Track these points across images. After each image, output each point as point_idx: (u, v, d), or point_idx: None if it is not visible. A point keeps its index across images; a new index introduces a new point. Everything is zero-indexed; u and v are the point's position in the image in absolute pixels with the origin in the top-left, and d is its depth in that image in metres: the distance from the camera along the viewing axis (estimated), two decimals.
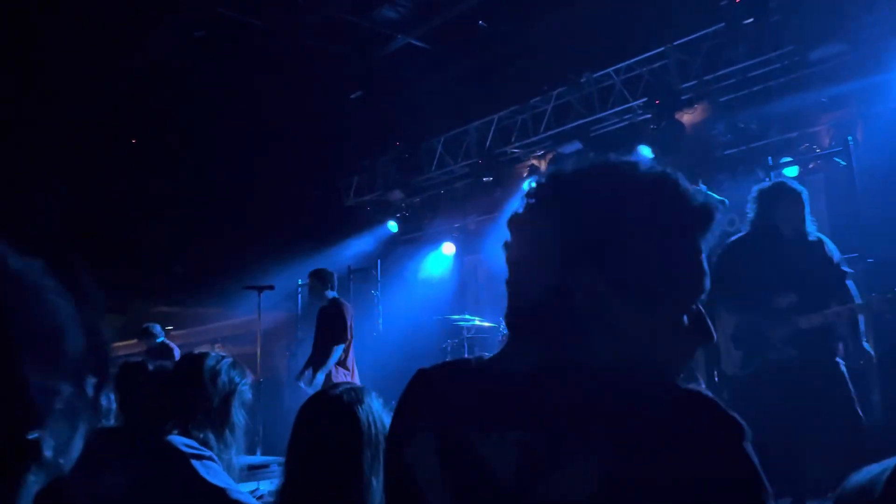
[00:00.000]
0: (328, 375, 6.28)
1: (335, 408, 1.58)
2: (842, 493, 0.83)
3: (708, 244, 0.99)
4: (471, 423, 0.94)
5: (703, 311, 1.00)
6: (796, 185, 4.18)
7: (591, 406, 0.86)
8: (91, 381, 0.70)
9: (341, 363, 6.42)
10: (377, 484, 1.50)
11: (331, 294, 6.61)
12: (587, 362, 0.92)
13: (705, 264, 0.98)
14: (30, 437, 0.64)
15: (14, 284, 0.66)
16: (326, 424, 1.57)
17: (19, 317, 0.64)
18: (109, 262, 11.26)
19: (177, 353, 7.63)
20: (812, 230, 4.10)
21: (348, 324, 6.43)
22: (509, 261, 1.03)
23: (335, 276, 6.85)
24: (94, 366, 0.70)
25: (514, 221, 1.04)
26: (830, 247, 4.09)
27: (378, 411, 1.60)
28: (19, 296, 0.65)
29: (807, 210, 4.08)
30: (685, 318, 0.97)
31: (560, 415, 0.87)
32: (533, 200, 1.02)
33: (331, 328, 6.40)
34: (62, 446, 0.68)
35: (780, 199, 4.14)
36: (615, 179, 0.99)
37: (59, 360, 0.67)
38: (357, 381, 6.50)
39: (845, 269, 4.05)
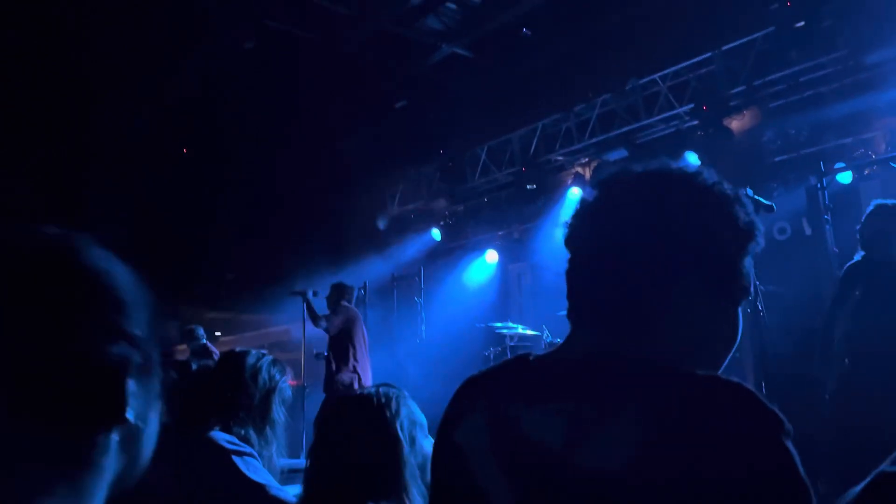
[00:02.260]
0: (337, 377, 6.49)
1: (363, 404, 1.58)
2: None
3: (751, 255, 1.07)
4: (520, 400, 0.98)
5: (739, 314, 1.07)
6: (887, 204, 4.19)
7: (638, 385, 0.90)
8: (157, 357, 0.75)
9: (348, 367, 6.60)
10: (411, 477, 1.50)
11: (344, 304, 6.99)
12: (641, 350, 0.97)
13: (745, 274, 1.06)
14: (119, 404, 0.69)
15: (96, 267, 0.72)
16: (356, 420, 1.57)
17: (100, 289, 0.70)
18: (161, 269, 11.57)
19: (216, 357, 7.88)
20: None
21: (338, 321, 6.76)
22: (573, 253, 1.07)
23: (354, 289, 7.16)
24: (159, 342, 0.75)
25: (579, 216, 1.08)
26: None
27: (409, 407, 1.61)
28: (101, 276, 0.71)
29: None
30: (730, 317, 1.05)
31: (608, 391, 0.91)
32: (600, 196, 1.07)
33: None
34: (141, 412, 0.72)
35: (868, 221, 4.24)
36: (678, 184, 1.06)
37: (128, 329, 0.71)
38: (368, 383, 6.68)
39: None
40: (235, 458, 1.94)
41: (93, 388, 0.68)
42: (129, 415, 0.70)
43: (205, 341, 8.17)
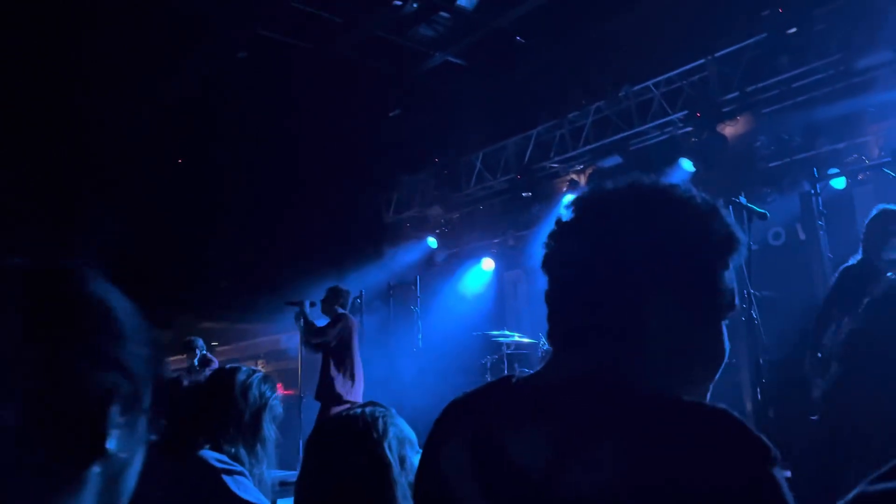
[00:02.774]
0: (330, 384, 6.46)
1: (350, 426, 1.56)
2: None
3: (733, 268, 1.04)
4: (504, 424, 0.97)
5: (724, 330, 1.03)
6: (890, 207, 4.12)
7: (622, 412, 0.88)
8: (150, 391, 0.74)
9: (341, 374, 6.58)
10: (402, 497, 1.48)
11: (340, 310, 6.85)
12: (623, 372, 0.95)
13: (727, 288, 1.02)
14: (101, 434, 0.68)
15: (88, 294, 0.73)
16: (343, 443, 1.55)
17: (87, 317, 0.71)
18: (156, 279, 11.56)
19: (215, 366, 7.92)
20: None
21: (338, 333, 6.66)
22: (550, 275, 1.05)
23: (350, 295, 7.06)
24: (154, 371, 0.75)
25: (555, 237, 1.06)
26: None
27: (397, 426, 1.59)
28: (87, 301, 0.72)
29: None
30: (714, 334, 1.01)
31: (591, 417, 0.89)
32: (574, 216, 1.05)
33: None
34: (124, 441, 0.71)
35: (871, 225, 4.15)
36: (651, 200, 1.03)
37: (120, 359, 0.71)
38: (360, 392, 6.67)
39: None
40: (226, 478, 1.92)
41: (76, 414, 0.67)
42: (112, 445, 0.69)
43: (205, 352, 8.20)
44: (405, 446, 1.58)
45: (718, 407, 0.86)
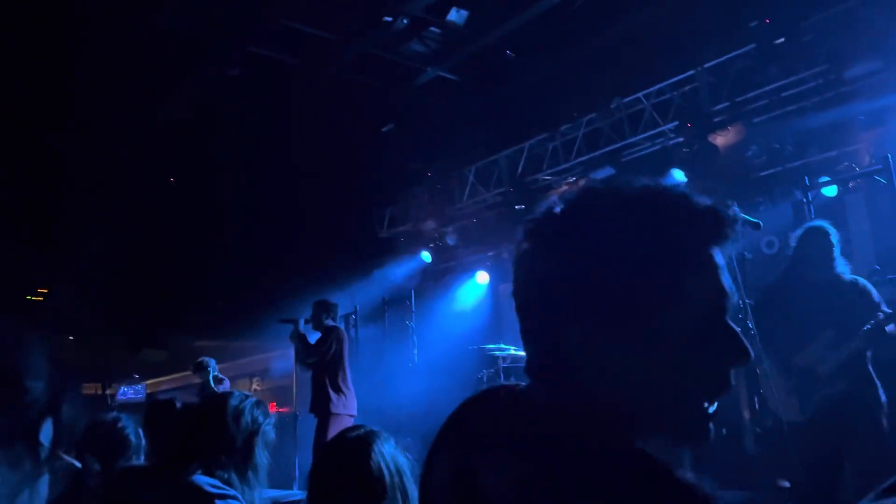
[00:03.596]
0: (325, 397, 6.47)
1: (351, 450, 1.55)
2: None
3: (726, 250, 0.91)
4: (475, 454, 0.91)
5: (735, 328, 0.89)
6: (824, 227, 4.19)
7: (579, 460, 0.80)
8: (43, 418, 0.76)
9: (335, 387, 6.55)
10: None
11: (330, 323, 6.86)
12: (584, 409, 0.87)
13: (719, 276, 0.88)
14: None
15: None
16: (349, 466, 1.55)
17: None
18: (151, 299, 11.52)
19: (226, 385, 8.05)
20: (845, 271, 4.13)
21: (331, 347, 6.65)
22: (516, 307, 0.97)
23: (338, 307, 7.06)
24: (46, 403, 0.76)
25: (514, 266, 0.98)
26: (866, 287, 4.10)
27: (390, 443, 1.59)
28: None
29: (837, 251, 4.12)
30: (706, 341, 0.87)
31: (549, 452, 0.82)
32: (524, 245, 0.96)
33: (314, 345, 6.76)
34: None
35: (806, 241, 4.22)
36: (602, 207, 0.91)
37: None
38: (353, 403, 6.67)
39: (886, 310, 3.99)
40: (219, 502, 1.91)
41: None
42: None
43: (217, 373, 8.21)
44: (403, 464, 1.60)
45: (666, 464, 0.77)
